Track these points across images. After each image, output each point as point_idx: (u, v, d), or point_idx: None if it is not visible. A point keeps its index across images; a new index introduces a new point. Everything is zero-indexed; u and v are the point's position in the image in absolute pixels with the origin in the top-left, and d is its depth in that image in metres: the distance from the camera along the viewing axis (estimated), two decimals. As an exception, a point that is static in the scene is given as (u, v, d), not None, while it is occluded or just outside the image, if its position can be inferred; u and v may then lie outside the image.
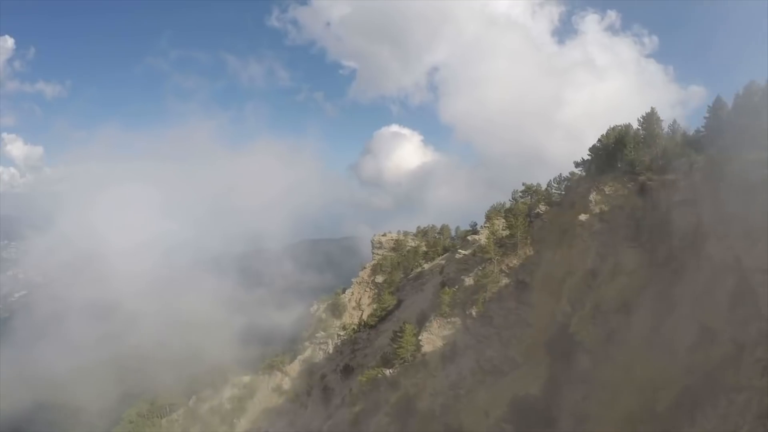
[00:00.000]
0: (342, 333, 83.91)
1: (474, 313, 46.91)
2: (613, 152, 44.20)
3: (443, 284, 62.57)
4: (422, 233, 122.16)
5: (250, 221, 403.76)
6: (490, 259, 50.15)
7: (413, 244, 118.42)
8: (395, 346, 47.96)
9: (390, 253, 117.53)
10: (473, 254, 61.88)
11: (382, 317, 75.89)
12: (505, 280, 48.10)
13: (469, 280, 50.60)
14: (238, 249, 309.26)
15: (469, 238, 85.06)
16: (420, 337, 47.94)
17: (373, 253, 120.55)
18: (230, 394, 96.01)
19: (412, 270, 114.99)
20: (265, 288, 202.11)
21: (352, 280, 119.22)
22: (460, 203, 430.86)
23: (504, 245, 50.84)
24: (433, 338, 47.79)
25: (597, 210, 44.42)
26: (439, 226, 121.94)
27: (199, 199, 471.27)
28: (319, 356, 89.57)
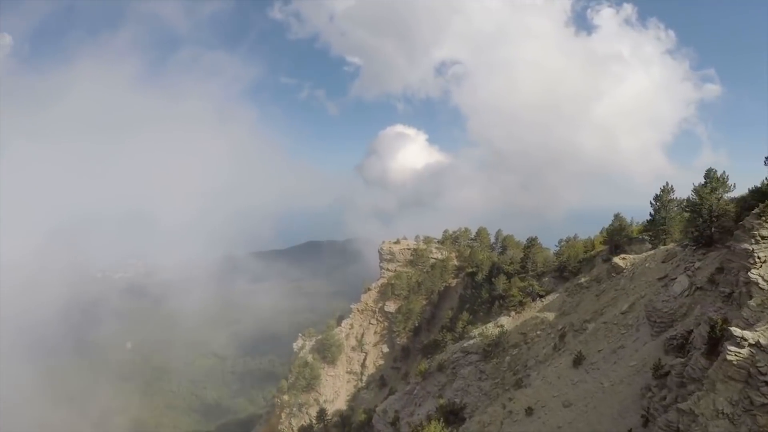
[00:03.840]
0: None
1: None
2: None
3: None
4: (451, 240, 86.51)
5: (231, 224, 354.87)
6: None
7: (439, 256, 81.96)
8: None
9: (406, 269, 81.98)
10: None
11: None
12: None
13: None
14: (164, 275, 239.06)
15: (646, 254, 46.33)
16: None
17: (381, 267, 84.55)
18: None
19: (437, 294, 78.37)
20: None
21: (352, 306, 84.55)
22: (468, 202, 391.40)
23: None
24: None
25: None
26: (456, 228, 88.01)
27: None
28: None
